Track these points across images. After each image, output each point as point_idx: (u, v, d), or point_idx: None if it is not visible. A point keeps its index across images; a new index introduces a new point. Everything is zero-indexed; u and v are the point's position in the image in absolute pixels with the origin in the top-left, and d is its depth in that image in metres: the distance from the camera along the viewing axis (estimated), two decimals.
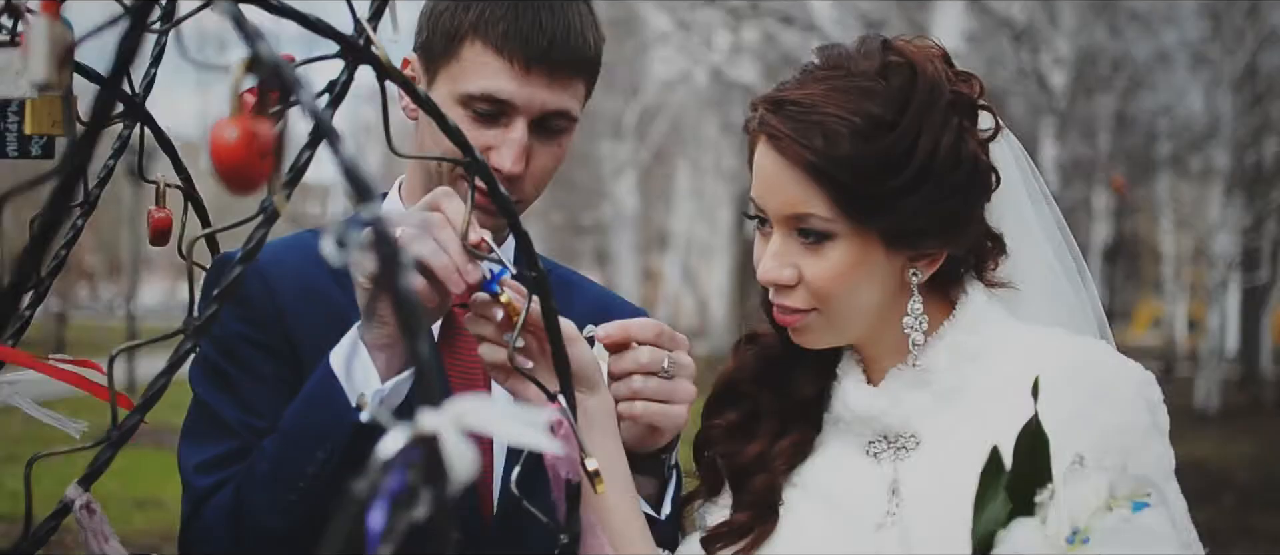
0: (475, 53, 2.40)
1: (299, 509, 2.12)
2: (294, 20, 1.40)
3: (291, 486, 2.12)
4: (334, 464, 2.09)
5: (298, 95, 1.02)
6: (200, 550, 2.31)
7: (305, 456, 2.11)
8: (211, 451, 2.31)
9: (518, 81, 2.38)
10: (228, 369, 2.34)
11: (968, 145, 2.11)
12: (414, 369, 0.97)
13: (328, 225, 1.01)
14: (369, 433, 2.04)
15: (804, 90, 2.09)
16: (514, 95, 2.38)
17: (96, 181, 1.94)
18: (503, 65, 2.38)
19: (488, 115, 2.39)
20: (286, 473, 2.14)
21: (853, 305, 2.13)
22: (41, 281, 1.84)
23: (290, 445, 2.15)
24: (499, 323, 2.02)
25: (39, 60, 1.15)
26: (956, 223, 2.13)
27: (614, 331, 2.18)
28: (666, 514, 2.31)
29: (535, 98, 2.40)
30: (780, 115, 2.08)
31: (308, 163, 1.59)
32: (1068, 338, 2.18)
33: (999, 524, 1.65)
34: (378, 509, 0.96)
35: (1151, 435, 2.05)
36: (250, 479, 2.20)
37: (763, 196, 2.13)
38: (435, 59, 2.46)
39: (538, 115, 2.41)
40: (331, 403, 2.11)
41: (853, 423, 2.22)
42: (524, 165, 2.41)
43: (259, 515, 2.17)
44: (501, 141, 2.39)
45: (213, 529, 2.25)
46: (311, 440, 2.11)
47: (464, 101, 2.39)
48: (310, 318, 2.28)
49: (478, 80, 2.39)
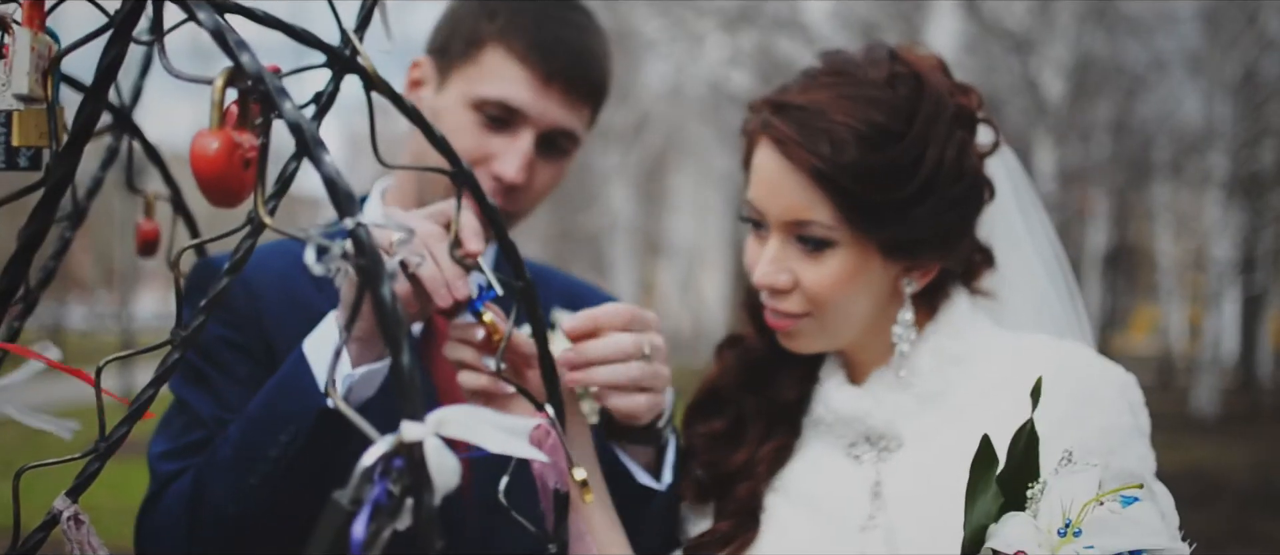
0: (496, 59, 2.44)
1: (257, 495, 2.11)
2: (280, 31, 1.40)
3: (252, 470, 2.11)
4: (296, 448, 2.08)
5: (279, 106, 1.02)
6: (153, 537, 2.29)
7: (268, 439, 2.10)
8: (180, 441, 2.32)
9: (534, 92, 2.43)
10: (206, 369, 2.34)
11: (970, 158, 2.11)
12: (394, 379, 0.97)
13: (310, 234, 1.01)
14: (333, 420, 2.06)
15: (809, 95, 2.08)
16: (528, 105, 2.43)
17: (85, 192, 1.94)
18: (522, 74, 2.43)
19: (497, 122, 2.43)
20: (248, 456, 2.13)
21: (847, 312, 2.13)
22: (30, 292, 1.83)
23: (254, 428, 2.14)
24: (479, 344, 2.02)
25: (21, 72, 1.15)
26: (954, 235, 2.13)
27: (582, 323, 2.13)
28: (667, 481, 2.28)
29: (548, 112, 2.44)
30: (785, 118, 2.08)
31: (294, 174, 1.59)
32: (1050, 342, 2.19)
33: (990, 518, 1.66)
34: (361, 517, 0.96)
35: (1134, 436, 2.06)
36: (211, 464, 2.20)
37: (763, 199, 2.12)
38: (452, 61, 2.49)
39: (546, 130, 2.45)
40: (300, 386, 2.10)
41: (835, 424, 2.21)
42: (527, 175, 2.43)
43: (216, 501, 2.16)
44: (507, 149, 2.42)
45: (170, 512, 2.24)
46: (277, 422, 2.11)
47: (477, 105, 2.43)
48: (290, 322, 2.28)
49: (495, 85, 2.43)
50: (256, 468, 2.11)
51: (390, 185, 2.66)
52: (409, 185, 2.57)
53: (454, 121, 2.46)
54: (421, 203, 2.50)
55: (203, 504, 2.19)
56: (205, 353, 2.34)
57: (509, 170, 2.42)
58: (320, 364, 2.11)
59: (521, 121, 2.45)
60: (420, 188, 2.52)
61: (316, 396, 2.08)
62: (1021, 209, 2.33)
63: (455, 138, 2.40)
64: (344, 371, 2.09)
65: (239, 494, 2.14)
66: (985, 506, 1.67)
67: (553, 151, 2.52)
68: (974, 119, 2.16)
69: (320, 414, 2.07)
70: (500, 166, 2.43)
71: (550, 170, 2.52)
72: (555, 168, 2.53)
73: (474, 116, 2.45)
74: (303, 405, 2.09)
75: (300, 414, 2.09)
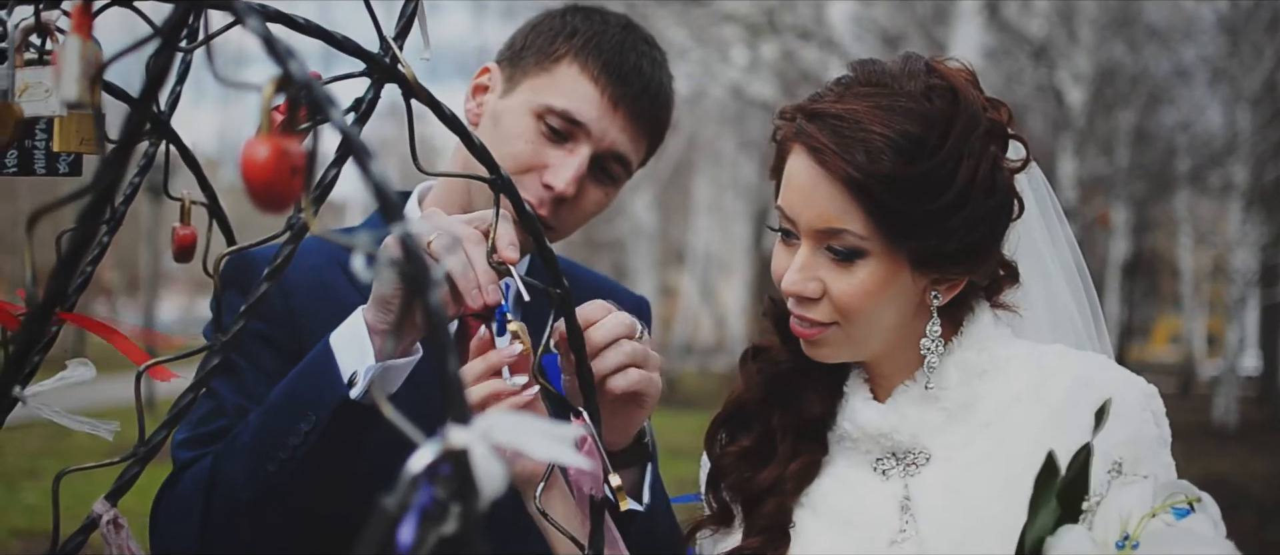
0: (571, 73, 2.50)
1: (273, 482, 2.14)
2: (321, 39, 1.41)
3: (270, 457, 2.14)
4: (315, 437, 2.10)
5: (327, 113, 1.02)
6: (167, 521, 2.31)
7: (289, 427, 2.13)
8: (202, 428, 2.35)
9: (600, 111, 2.49)
10: (235, 359, 2.36)
11: (1001, 173, 2.11)
12: (440, 384, 0.97)
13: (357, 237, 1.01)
14: (354, 412, 2.08)
15: (845, 105, 2.07)
16: (592, 122, 2.48)
17: (122, 198, 1.95)
18: (592, 92, 2.49)
19: (557, 134, 2.48)
20: (267, 442, 2.16)
21: (874, 323, 2.12)
22: (69, 298, 1.84)
23: (276, 415, 2.17)
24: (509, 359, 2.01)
25: (71, 79, 1.16)
26: (983, 249, 2.13)
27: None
28: (648, 503, 2.27)
29: (608, 133, 2.50)
30: (820, 126, 2.06)
31: (335, 180, 1.60)
32: (1072, 353, 2.19)
33: (1047, 531, 1.67)
34: (407, 523, 0.96)
35: (1158, 446, 2.07)
36: (231, 449, 2.23)
37: (795, 207, 2.11)
38: (524, 70, 2.54)
39: (603, 151, 2.49)
40: (324, 375, 2.13)
41: (861, 440, 2.21)
42: (575, 189, 2.46)
43: (232, 486, 2.19)
44: (562, 162, 2.46)
45: (185, 496, 2.26)
46: (298, 410, 2.13)
47: (541, 114, 2.48)
48: (322, 319, 2.29)
49: (563, 97, 2.48)
50: (275, 454, 2.14)
51: (430, 189, 2.68)
52: (457, 192, 2.59)
53: (514, 126, 2.50)
54: (468, 208, 2.52)
55: (218, 488, 2.22)
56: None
57: (560, 181, 2.45)
58: (346, 357, 2.12)
59: (581, 137, 2.49)
60: (470, 196, 2.54)
61: (339, 388, 2.10)
62: (1047, 222, 2.33)
63: (513, 142, 2.43)
64: (366, 362, 2.11)
65: (255, 480, 2.16)
66: (1044, 521, 1.68)
67: (603, 176, 2.56)
68: (1005, 134, 2.16)
69: (341, 403, 2.09)
70: (552, 177, 2.46)
71: (598, 193, 2.56)
72: (603, 192, 2.57)
73: (536, 124, 2.49)
74: (325, 396, 2.11)
75: (322, 402, 2.11)
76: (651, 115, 2.57)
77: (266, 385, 2.31)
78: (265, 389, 2.30)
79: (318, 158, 1.10)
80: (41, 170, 1.83)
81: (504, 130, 2.49)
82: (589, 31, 2.52)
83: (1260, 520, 14.43)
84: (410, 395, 2.06)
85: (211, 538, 2.24)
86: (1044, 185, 2.33)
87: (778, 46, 21.09)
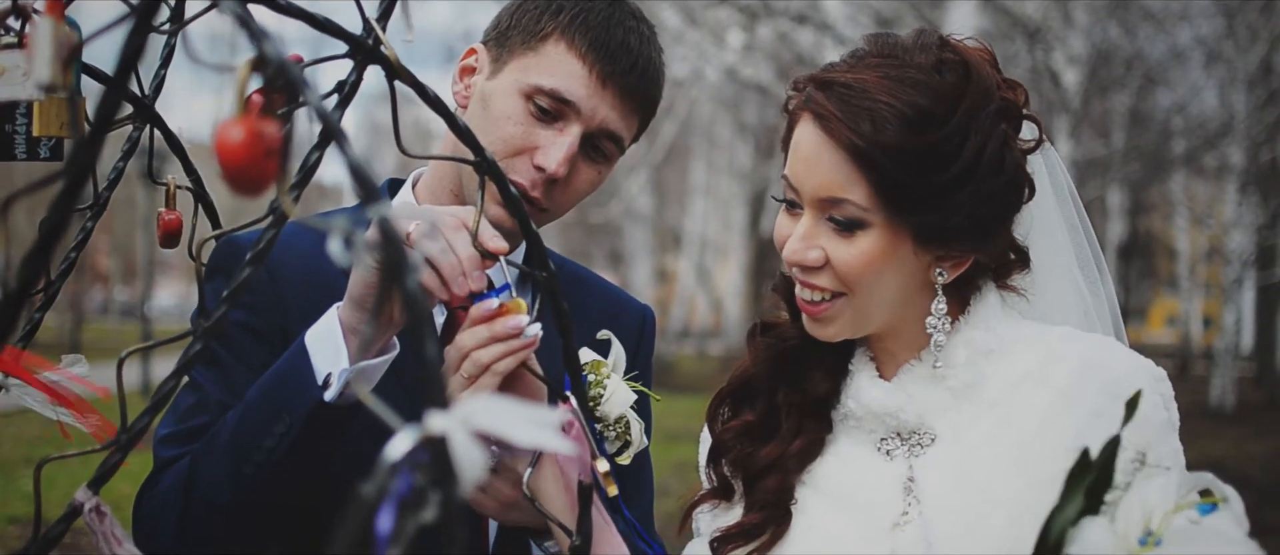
0: (558, 51, 2.46)
1: (250, 484, 2.13)
2: (302, 20, 1.39)
3: (247, 459, 2.13)
4: (290, 439, 2.10)
5: (304, 96, 1.01)
6: (148, 520, 2.30)
7: (263, 429, 2.12)
8: (185, 425, 2.33)
9: (589, 89, 2.45)
10: (220, 352, 2.35)
11: (1012, 153, 2.10)
12: (418, 369, 0.96)
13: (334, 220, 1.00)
14: (329, 414, 2.07)
15: (855, 74, 2.07)
16: (582, 101, 2.44)
17: (106, 183, 1.94)
18: (580, 70, 2.45)
19: (547, 114, 2.44)
20: (244, 444, 2.14)
21: (877, 295, 2.12)
22: (51, 284, 1.83)
23: (251, 417, 2.16)
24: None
25: (43, 61, 1.15)
26: (989, 228, 2.12)
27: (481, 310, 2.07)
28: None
29: (599, 110, 2.46)
30: (828, 94, 2.07)
31: (317, 164, 1.58)
32: (1080, 335, 2.18)
33: (1069, 522, 1.65)
34: (385, 511, 0.95)
35: (1167, 429, 2.06)
36: (209, 449, 2.21)
37: (799, 176, 2.11)
38: (511, 50, 2.51)
39: (594, 129, 2.47)
40: (298, 377, 2.12)
41: (865, 419, 2.21)
42: (567, 169, 2.43)
43: (211, 486, 2.18)
44: (552, 142, 2.43)
45: (165, 496, 2.26)
46: (272, 413, 2.13)
47: (530, 94, 2.45)
48: (311, 306, 2.27)
49: (552, 76, 2.45)
50: (251, 456, 2.13)
51: (424, 175, 2.67)
52: (449, 177, 2.58)
53: (503, 107, 2.47)
54: (460, 192, 2.51)
55: (196, 489, 2.21)
56: (221, 335, 2.35)
57: (551, 162, 2.43)
58: (320, 357, 2.11)
59: (571, 116, 2.46)
60: (462, 181, 2.53)
61: (313, 390, 2.09)
62: (1061, 206, 2.32)
63: (502, 124, 2.41)
64: (341, 365, 2.09)
65: (233, 482, 2.15)
66: (1069, 513, 1.66)
67: (595, 154, 2.53)
68: (1019, 114, 2.16)
69: (316, 406, 2.08)
70: (543, 158, 2.44)
71: (591, 172, 2.53)
72: (596, 171, 2.54)
73: (524, 105, 2.46)
74: (298, 399, 2.10)
75: (297, 404, 2.10)
76: (642, 91, 2.54)
77: (251, 380, 2.29)
78: (249, 383, 2.29)
79: (294, 141, 1.08)
80: (22, 155, 1.82)
81: (493, 112, 2.47)
82: (575, 8, 2.49)
83: (1258, 501, 14.41)
84: (392, 387, 2.05)
85: (191, 538, 2.23)
86: (1061, 168, 2.32)
87: (773, 29, 21.04)
